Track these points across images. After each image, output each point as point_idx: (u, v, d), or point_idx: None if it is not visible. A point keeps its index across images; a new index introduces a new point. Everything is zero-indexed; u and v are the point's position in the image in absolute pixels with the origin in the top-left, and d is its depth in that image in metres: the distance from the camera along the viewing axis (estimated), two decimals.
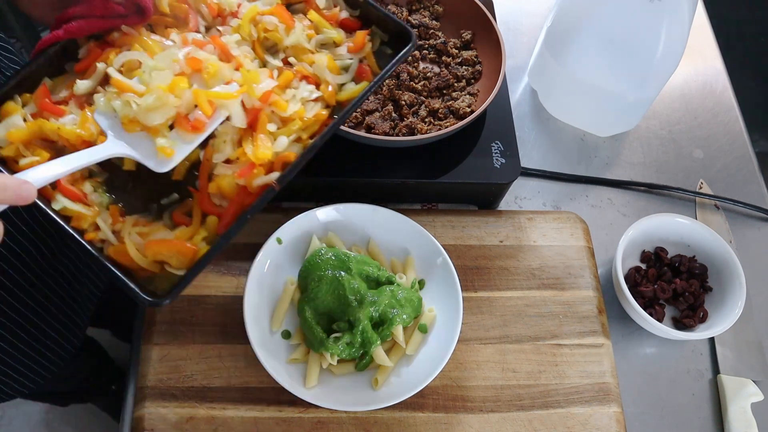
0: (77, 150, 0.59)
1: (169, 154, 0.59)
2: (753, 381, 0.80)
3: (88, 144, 0.61)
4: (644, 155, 1.01)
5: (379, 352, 0.71)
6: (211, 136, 0.63)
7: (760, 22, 2.26)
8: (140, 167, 0.63)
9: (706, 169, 1.00)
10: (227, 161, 0.62)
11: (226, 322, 0.76)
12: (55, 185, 0.60)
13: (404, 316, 0.73)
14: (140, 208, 0.63)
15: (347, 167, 0.83)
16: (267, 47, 0.70)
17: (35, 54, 0.64)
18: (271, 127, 0.63)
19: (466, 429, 0.72)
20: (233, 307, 0.76)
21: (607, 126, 1.00)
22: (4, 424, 1.63)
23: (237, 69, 0.65)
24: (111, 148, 0.59)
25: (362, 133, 0.81)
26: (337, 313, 0.73)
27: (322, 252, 0.75)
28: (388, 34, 0.73)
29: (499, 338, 0.78)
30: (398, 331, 0.72)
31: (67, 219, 0.59)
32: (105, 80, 0.64)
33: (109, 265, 0.58)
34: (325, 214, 0.79)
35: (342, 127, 0.79)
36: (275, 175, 0.61)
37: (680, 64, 0.88)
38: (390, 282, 0.75)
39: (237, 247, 0.81)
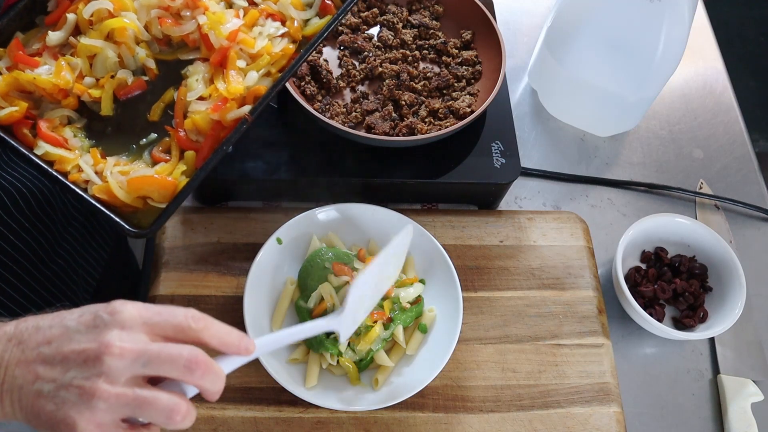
0: (54, 99, 0.64)
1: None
2: (753, 381, 0.80)
3: (65, 93, 0.65)
4: (644, 155, 1.01)
5: (379, 353, 0.71)
6: (184, 77, 0.68)
7: (760, 22, 2.26)
8: (117, 113, 0.67)
9: (706, 169, 1.00)
10: (200, 99, 0.65)
11: (226, 322, 0.76)
12: (35, 133, 0.63)
13: (404, 317, 0.73)
14: (120, 150, 0.66)
15: (347, 167, 0.83)
16: None
17: (5, 9, 0.66)
18: (241, 64, 0.66)
19: (466, 429, 0.72)
20: (233, 307, 0.76)
21: (607, 126, 1.00)
22: (3, 423, 1.63)
23: (204, 12, 0.67)
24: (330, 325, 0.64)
25: (362, 133, 0.81)
26: None
27: (322, 252, 0.75)
28: None
29: (499, 338, 0.78)
30: (398, 331, 0.72)
31: (50, 163, 0.62)
32: (76, 31, 0.67)
33: (95, 202, 0.61)
34: (325, 214, 0.79)
35: (342, 127, 0.79)
36: (247, 107, 0.65)
37: (680, 64, 0.88)
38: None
39: (237, 247, 0.81)
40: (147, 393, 0.46)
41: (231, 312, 0.76)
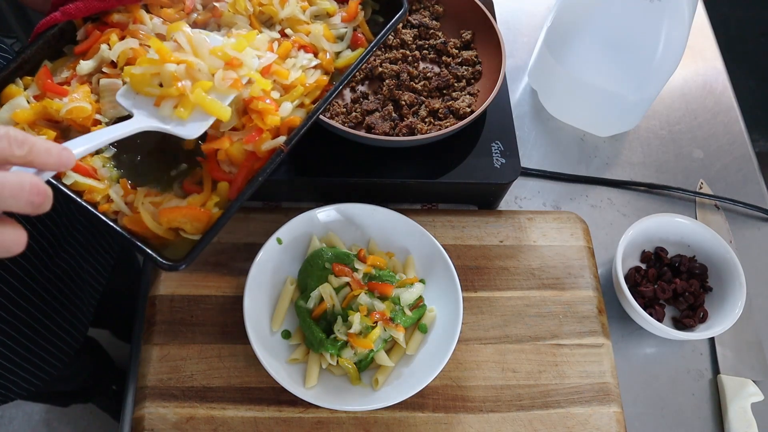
0: (82, 129, 0.62)
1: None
2: (753, 381, 0.80)
3: (95, 122, 0.63)
4: (644, 155, 1.01)
5: (379, 353, 0.71)
6: None
7: (760, 22, 2.26)
8: (146, 143, 0.65)
9: (706, 169, 1.00)
10: (233, 129, 0.64)
11: (226, 322, 0.76)
12: None
13: (405, 318, 0.73)
14: (149, 181, 0.65)
15: (347, 167, 0.83)
16: (263, 21, 0.72)
17: (33, 38, 0.65)
18: (275, 95, 0.65)
19: (466, 429, 0.72)
20: (233, 307, 0.76)
21: (607, 126, 1.00)
22: (4, 423, 1.63)
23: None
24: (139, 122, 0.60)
25: (362, 133, 0.81)
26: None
27: (322, 252, 0.75)
28: (379, 2, 0.77)
29: (499, 338, 0.78)
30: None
31: (79, 193, 0.61)
32: (112, 65, 0.65)
33: (126, 234, 0.60)
34: (325, 214, 0.79)
35: (342, 127, 0.79)
36: (282, 138, 0.64)
37: (680, 64, 0.88)
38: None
39: (237, 247, 0.81)
40: None
41: (231, 312, 0.76)
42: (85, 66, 0.65)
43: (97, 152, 0.64)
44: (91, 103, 0.63)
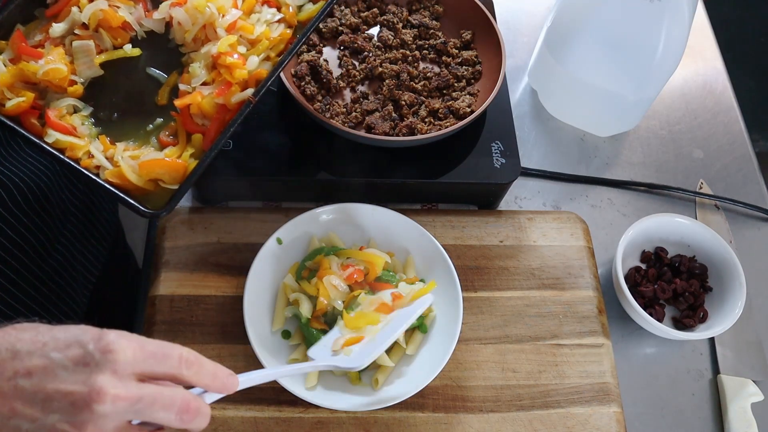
0: (59, 89, 0.65)
1: None
2: (753, 381, 0.80)
3: (71, 83, 0.66)
4: (644, 155, 1.01)
5: None
6: (185, 63, 0.70)
7: (760, 22, 2.26)
8: (121, 100, 0.69)
9: (706, 169, 1.00)
10: (204, 84, 0.68)
11: (226, 322, 0.76)
12: (44, 121, 0.64)
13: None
14: (126, 136, 0.68)
15: (347, 167, 0.83)
16: None
17: (5, 2, 0.67)
18: (241, 50, 0.69)
19: (466, 429, 0.72)
20: (233, 307, 0.76)
21: (607, 126, 1.00)
22: None
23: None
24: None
25: (362, 133, 0.81)
26: None
27: (322, 251, 0.75)
28: None
29: (499, 338, 0.78)
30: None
31: (62, 151, 0.64)
32: (84, 26, 0.68)
33: (108, 187, 0.63)
34: (325, 214, 0.79)
35: (342, 127, 0.79)
36: (251, 90, 0.67)
37: (680, 64, 0.88)
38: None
39: (237, 247, 0.81)
40: None
41: (231, 312, 0.76)
42: (58, 29, 0.67)
43: (75, 110, 0.67)
44: (66, 64, 0.66)
